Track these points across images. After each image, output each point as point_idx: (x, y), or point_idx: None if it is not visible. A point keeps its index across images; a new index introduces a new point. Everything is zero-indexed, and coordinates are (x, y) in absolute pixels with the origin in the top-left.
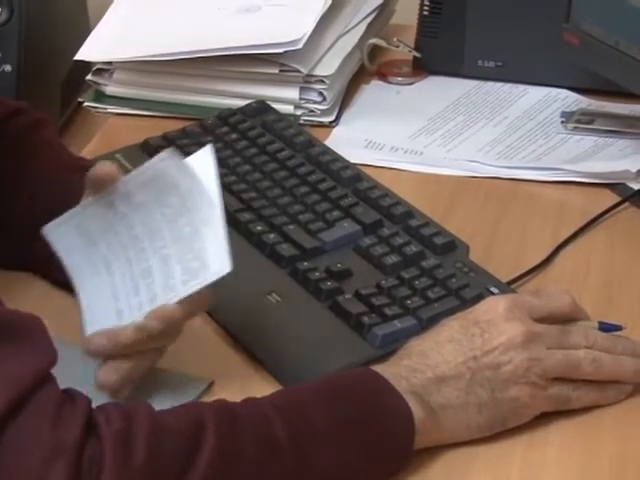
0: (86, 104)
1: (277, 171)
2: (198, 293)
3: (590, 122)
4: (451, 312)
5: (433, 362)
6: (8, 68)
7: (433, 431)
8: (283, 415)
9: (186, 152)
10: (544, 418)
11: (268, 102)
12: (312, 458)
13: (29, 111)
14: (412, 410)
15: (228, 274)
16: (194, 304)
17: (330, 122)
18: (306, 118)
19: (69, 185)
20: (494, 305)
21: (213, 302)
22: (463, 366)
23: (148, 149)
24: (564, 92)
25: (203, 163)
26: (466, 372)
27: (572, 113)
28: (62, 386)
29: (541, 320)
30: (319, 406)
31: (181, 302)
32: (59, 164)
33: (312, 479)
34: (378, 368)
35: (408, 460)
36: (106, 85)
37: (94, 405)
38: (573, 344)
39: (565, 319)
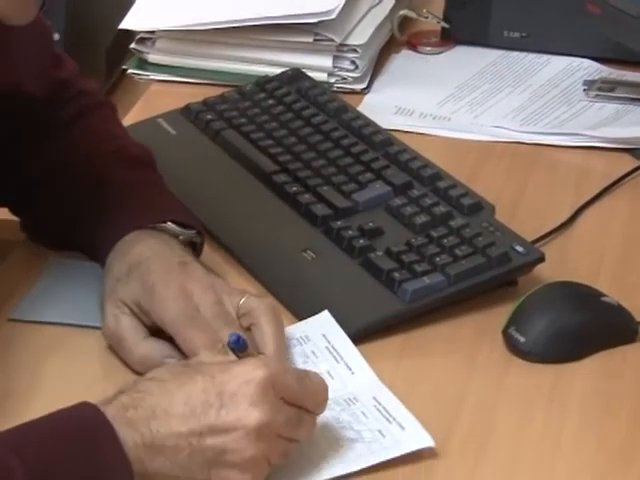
0: (130, 71)
1: (311, 135)
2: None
3: (611, 90)
4: (477, 269)
5: (156, 424)
6: (56, 36)
7: None
8: None
9: (225, 117)
10: (558, 407)
11: (303, 70)
12: None
13: (91, 91)
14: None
15: (266, 232)
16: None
17: (362, 89)
18: (339, 85)
19: (115, 181)
20: (250, 377)
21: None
22: (184, 440)
23: (189, 114)
24: (586, 61)
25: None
26: (186, 448)
27: (594, 81)
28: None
29: (288, 400)
30: (22, 475)
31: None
32: (110, 159)
33: None
34: (110, 409)
35: None
36: (149, 53)
37: None
38: (298, 436)
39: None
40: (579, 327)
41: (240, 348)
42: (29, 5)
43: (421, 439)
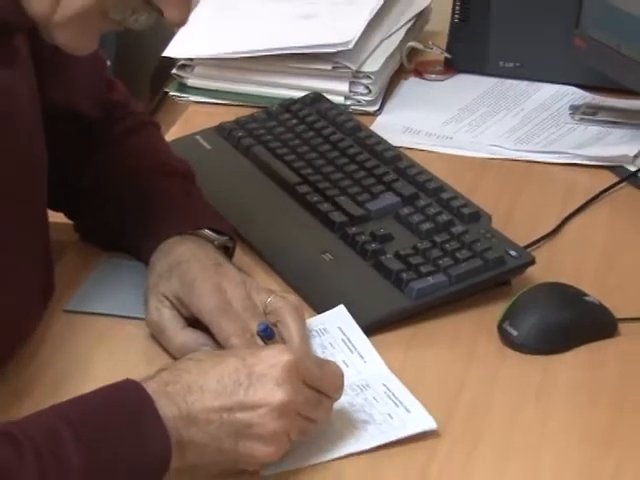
0: (171, 94)
1: (330, 151)
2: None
3: (594, 114)
4: (476, 271)
5: (193, 398)
6: (108, 63)
7: (176, 461)
8: (35, 444)
9: (255, 135)
10: (547, 394)
11: (323, 93)
12: None
13: (138, 112)
14: (171, 445)
15: (290, 236)
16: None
17: (374, 111)
18: (354, 107)
19: (159, 192)
20: (276, 361)
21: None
22: (216, 414)
23: (222, 132)
24: (572, 89)
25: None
26: (216, 420)
27: (579, 106)
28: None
29: (309, 384)
30: (74, 444)
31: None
32: (154, 172)
33: None
34: (151, 385)
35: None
36: (188, 78)
37: None
38: (316, 416)
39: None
40: (565, 323)
41: (268, 336)
42: (91, 39)
43: (425, 422)
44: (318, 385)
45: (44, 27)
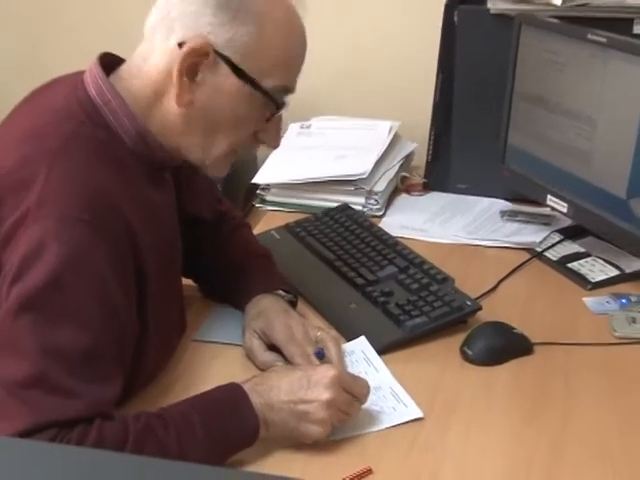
0: (256, 205)
1: (354, 240)
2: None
3: (515, 216)
4: (445, 314)
5: (272, 394)
6: (218, 186)
7: (262, 433)
8: (175, 423)
9: (308, 230)
10: (490, 390)
11: (349, 204)
12: (189, 453)
13: (237, 217)
14: (259, 423)
15: (330, 293)
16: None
17: (380, 215)
18: (368, 213)
19: (250, 267)
20: (326, 373)
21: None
22: (285, 405)
23: (288, 229)
24: (501, 201)
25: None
26: (285, 409)
27: (506, 211)
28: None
29: (346, 390)
30: (199, 423)
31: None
32: (248, 255)
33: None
34: (247, 386)
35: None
36: (267, 195)
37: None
38: (350, 412)
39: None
40: (501, 346)
41: (321, 357)
42: (226, 167)
43: (416, 413)
44: (352, 391)
45: (200, 165)
